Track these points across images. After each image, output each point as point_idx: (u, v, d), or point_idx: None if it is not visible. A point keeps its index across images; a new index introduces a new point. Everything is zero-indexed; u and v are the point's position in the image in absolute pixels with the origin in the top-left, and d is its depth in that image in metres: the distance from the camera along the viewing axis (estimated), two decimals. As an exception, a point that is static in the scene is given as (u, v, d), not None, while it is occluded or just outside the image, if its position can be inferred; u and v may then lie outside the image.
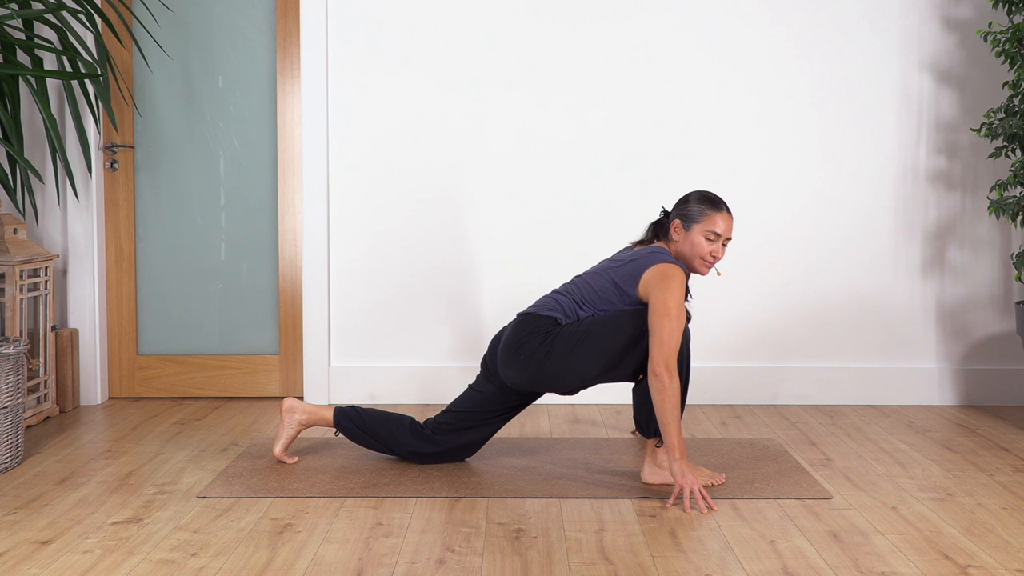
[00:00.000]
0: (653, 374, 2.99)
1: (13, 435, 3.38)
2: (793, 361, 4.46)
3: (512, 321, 3.33)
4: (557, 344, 3.17)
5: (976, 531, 2.78)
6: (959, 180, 4.41)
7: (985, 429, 3.98)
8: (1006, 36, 3.91)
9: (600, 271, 3.28)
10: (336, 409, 3.44)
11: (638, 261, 3.19)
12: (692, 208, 3.22)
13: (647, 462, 3.19)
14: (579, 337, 3.15)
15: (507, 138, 4.41)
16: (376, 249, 4.44)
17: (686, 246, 3.21)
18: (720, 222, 3.19)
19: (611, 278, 3.22)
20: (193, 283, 4.55)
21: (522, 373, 3.21)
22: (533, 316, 3.25)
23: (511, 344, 3.24)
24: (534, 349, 3.19)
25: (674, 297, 3.04)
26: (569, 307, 3.25)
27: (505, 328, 3.34)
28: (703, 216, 3.20)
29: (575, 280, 3.33)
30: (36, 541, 2.71)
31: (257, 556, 2.59)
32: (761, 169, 4.41)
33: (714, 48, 4.38)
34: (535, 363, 3.18)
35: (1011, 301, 4.44)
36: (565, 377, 3.19)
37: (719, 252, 3.21)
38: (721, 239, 3.20)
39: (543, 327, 3.21)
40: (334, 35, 4.39)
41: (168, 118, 4.51)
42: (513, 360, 3.22)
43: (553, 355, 3.16)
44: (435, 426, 3.38)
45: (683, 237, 3.22)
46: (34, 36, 4.05)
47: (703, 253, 3.19)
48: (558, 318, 3.23)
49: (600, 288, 3.23)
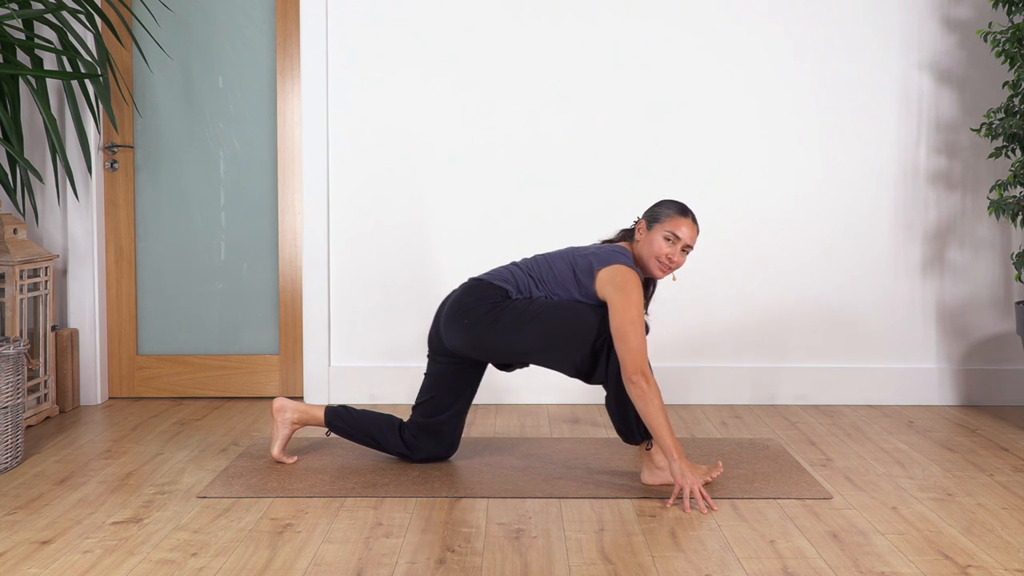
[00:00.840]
0: (630, 382, 3.00)
1: (13, 435, 3.38)
2: (793, 361, 4.46)
3: (462, 285, 3.33)
4: (504, 317, 3.17)
5: (976, 531, 2.78)
6: (959, 180, 4.41)
7: (985, 429, 3.98)
8: (1006, 36, 3.91)
9: (563, 255, 3.28)
10: (327, 408, 3.45)
11: (599, 255, 3.20)
12: (660, 210, 3.24)
13: (644, 465, 3.20)
14: (528, 317, 3.16)
15: (507, 138, 4.41)
16: (376, 249, 4.44)
17: (645, 245, 3.22)
18: (682, 226, 3.20)
19: (571, 264, 3.23)
20: (193, 283, 4.55)
21: (463, 338, 3.22)
22: (484, 283, 3.26)
23: (457, 308, 3.24)
24: (480, 317, 3.19)
25: (635, 304, 3.06)
26: (524, 283, 3.26)
27: (451, 294, 3.35)
28: (666, 217, 3.21)
29: (536, 258, 3.33)
30: (36, 541, 2.71)
31: (257, 556, 2.59)
32: (761, 169, 4.41)
33: (714, 48, 4.38)
34: (478, 331, 3.19)
35: (1011, 301, 4.44)
36: (504, 351, 3.21)
37: (676, 256, 3.21)
38: (680, 243, 3.20)
39: (492, 296, 3.22)
40: (334, 35, 4.39)
41: (168, 118, 4.51)
42: (457, 323, 3.23)
43: (497, 327, 3.17)
44: (411, 429, 3.40)
45: (644, 236, 3.23)
46: (34, 36, 4.05)
47: (660, 253, 3.20)
48: (509, 291, 3.23)
49: (559, 271, 3.24)
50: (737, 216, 4.41)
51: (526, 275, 3.28)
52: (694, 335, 4.44)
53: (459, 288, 3.32)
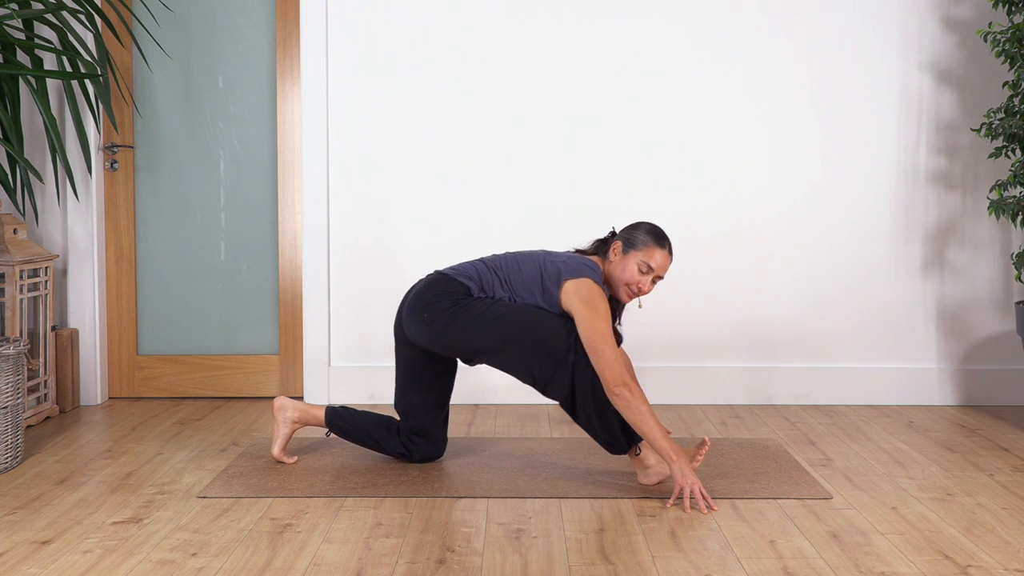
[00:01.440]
0: (613, 395, 3.00)
1: (13, 435, 3.38)
2: (793, 361, 4.46)
3: (425, 277, 3.34)
4: (464, 315, 3.18)
5: (976, 531, 2.78)
6: (959, 180, 4.41)
7: (985, 429, 3.98)
8: (1006, 36, 3.91)
9: (534, 258, 3.28)
10: (328, 408, 3.45)
11: (569, 264, 3.20)
12: (637, 236, 3.23)
13: (637, 469, 3.19)
14: (489, 317, 3.16)
15: (507, 137, 4.41)
16: (376, 249, 4.44)
17: (618, 269, 3.22)
18: (658, 257, 3.21)
19: (540, 268, 3.23)
20: (193, 283, 4.55)
21: (422, 331, 3.24)
22: (448, 278, 3.27)
23: (419, 300, 3.26)
24: (439, 312, 3.20)
25: (603, 321, 3.07)
26: (488, 281, 3.26)
27: (415, 285, 3.35)
28: (644, 246, 3.21)
29: (506, 256, 3.33)
30: (36, 541, 2.71)
31: (257, 556, 2.59)
32: (761, 169, 4.41)
33: (713, 48, 4.38)
34: (437, 325, 3.20)
35: (1011, 301, 4.44)
36: (461, 348, 3.22)
37: (646, 285, 3.23)
38: (653, 274, 3.22)
39: (454, 292, 3.23)
40: (334, 35, 4.39)
41: (168, 118, 4.51)
42: (417, 316, 3.24)
43: (456, 325, 3.18)
44: (405, 432, 3.40)
45: (619, 259, 3.23)
46: (34, 36, 4.05)
47: (631, 280, 3.21)
48: (471, 288, 3.24)
49: (527, 274, 3.24)
50: (737, 216, 4.41)
51: (492, 273, 3.28)
52: (694, 335, 4.44)
53: (423, 280, 3.34)
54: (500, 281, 3.26)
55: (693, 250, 4.40)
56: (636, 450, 3.15)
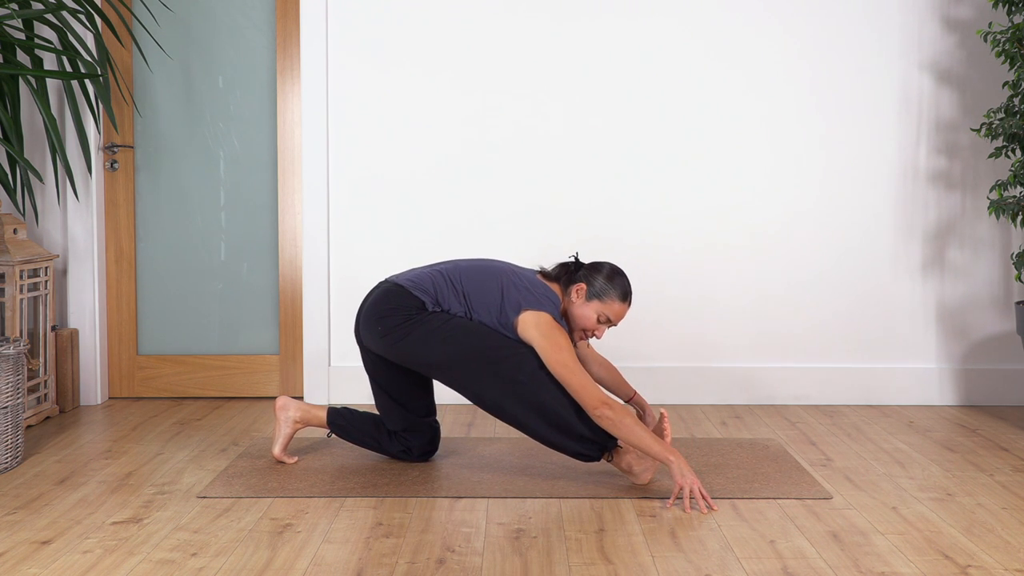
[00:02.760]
0: (597, 417, 3.02)
1: (13, 435, 3.38)
2: (793, 361, 4.46)
3: (379, 287, 3.31)
4: (417, 331, 3.18)
5: (976, 531, 2.78)
6: (959, 180, 4.41)
7: (985, 429, 3.98)
8: (1006, 36, 3.91)
9: (496, 275, 3.25)
10: (330, 408, 3.46)
11: (531, 293, 3.19)
12: (601, 284, 3.23)
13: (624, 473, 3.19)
14: (441, 336, 3.16)
15: (507, 137, 4.41)
16: (376, 249, 4.44)
17: (578, 312, 3.24)
18: (620, 312, 3.24)
19: (501, 288, 3.21)
20: (193, 283, 4.55)
21: (377, 343, 3.25)
22: (402, 291, 3.24)
23: (374, 312, 3.25)
24: (394, 326, 3.20)
25: (566, 351, 3.09)
26: (444, 294, 3.23)
27: (371, 292, 3.34)
28: (607, 298, 3.22)
29: (463, 267, 3.29)
30: (36, 541, 2.71)
31: (257, 556, 2.59)
32: (761, 169, 4.41)
33: (714, 48, 4.38)
34: (391, 339, 3.21)
35: (1011, 301, 4.44)
36: (414, 362, 3.22)
37: (600, 333, 3.28)
38: (610, 324, 3.26)
39: (407, 306, 3.21)
40: (334, 35, 4.39)
41: (168, 118, 4.51)
42: (372, 329, 3.25)
43: (410, 339, 3.18)
44: (399, 434, 3.40)
45: (580, 303, 3.23)
46: (34, 36, 4.05)
47: (587, 327, 3.25)
48: (426, 303, 3.22)
49: (488, 293, 3.21)
50: (737, 215, 4.41)
51: (448, 285, 3.25)
52: (694, 335, 4.44)
53: (377, 289, 3.31)
54: (457, 294, 3.24)
55: (693, 250, 4.40)
56: (609, 456, 3.16)
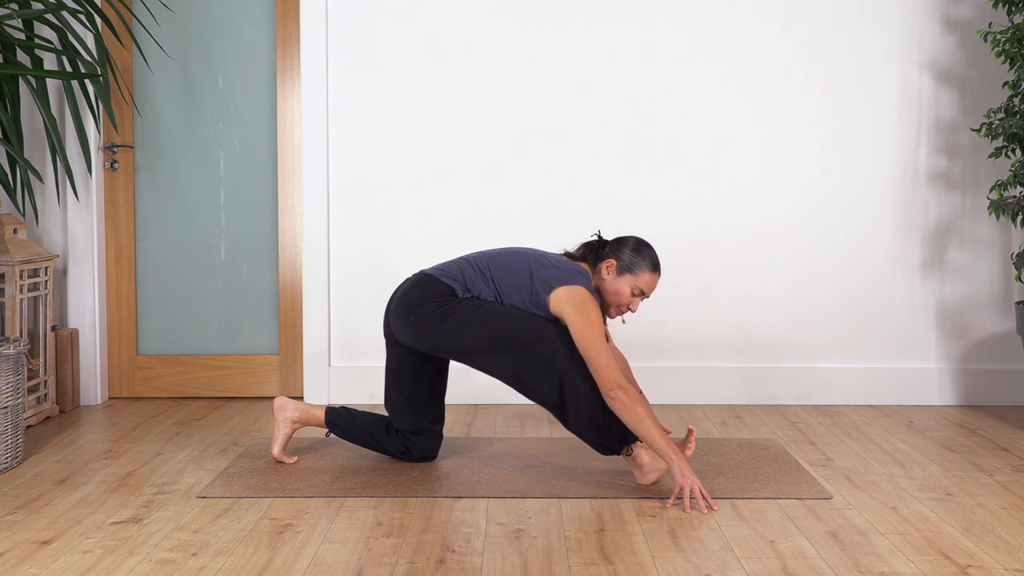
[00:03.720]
0: (610, 399, 3.01)
1: (13, 435, 3.38)
2: (793, 361, 4.46)
3: (411, 278, 3.33)
4: (451, 318, 3.17)
5: (976, 531, 2.78)
6: (959, 180, 4.41)
7: (985, 429, 3.98)
8: (1006, 36, 3.91)
9: (523, 258, 3.26)
10: (327, 408, 3.46)
11: (561, 270, 3.20)
12: (629, 257, 3.23)
13: (633, 470, 3.19)
14: (475, 321, 3.16)
15: (507, 137, 4.41)
16: (376, 249, 4.44)
17: (610, 289, 3.23)
18: (652, 283, 3.24)
19: (530, 270, 3.22)
20: (193, 283, 4.55)
21: (408, 332, 3.24)
22: (432, 279, 3.25)
23: (405, 302, 3.25)
24: (426, 315, 3.20)
25: (595, 325, 3.08)
26: (473, 281, 3.25)
27: (402, 284, 3.35)
28: (638, 270, 3.22)
29: (491, 254, 3.31)
30: (36, 541, 2.71)
31: (257, 556, 2.59)
32: (761, 169, 4.41)
33: (714, 48, 4.38)
34: (423, 328, 3.20)
35: (1011, 301, 4.44)
36: (448, 350, 3.22)
37: (635, 307, 3.27)
38: (643, 296, 3.25)
39: (439, 294, 3.22)
40: (334, 35, 4.39)
41: (168, 118, 4.51)
42: (404, 319, 3.25)
43: (443, 326, 3.18)
44: (401, 434, 3.40)
45: (611, 279, 3.23)
46: (34, 36, 4.05)
47: (622, 302, 3.24)
48: (456, 289, 3.23)
49: (517, 276, 3.22)
50: (737, 215, 4.41)
51: (477, 272, 3.26)
52: (694, 335, 4.44)
53: (407, 281, 3.33)
54: (486, 280, 3.25)
55: (693, 249, 4.40)
56: (628, 450, 3.15)
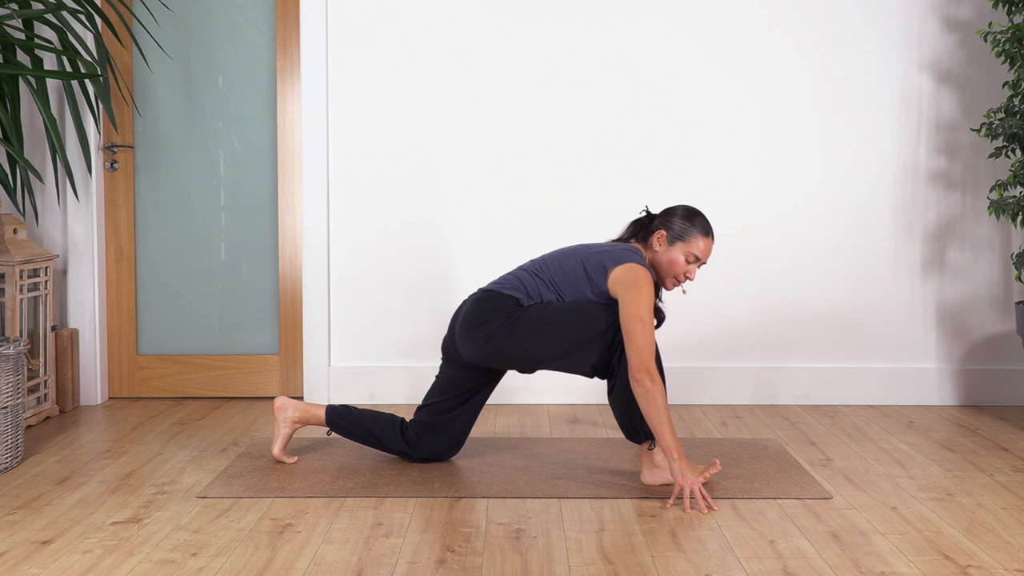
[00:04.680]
0: (635, 380, 2.99)
1: (13, 435, 3.38)
2: (793, 361, 4.46)
3: (472, 296, 3.31)
4: (520, 327, 3.17)
5: (976, 531, 2.78)
6: (959, 180, 4.41)
7: (985, 429, 3.98)
8: (1006, 36, 3.91)
9: (572, 253, 3.26)
10: (328, 407, 3.45)
11: (612, 253, 3.18)
12: (680, 225, 3.21)
13: (644, 464, 3.19)
14: (544, 324, 3.15)
15: (507, 138, 4.41)
16: (376, 249, 4.44)
17: (664, 260, 3.21)
18: (705, 248, 3.21)
19: (582, 262, 3.21)
20: (193, 283, 4.55)
21: (480, 350, 3.22)
22: (495, 294, 3.24)
23: (471, 320, 3.23)
24: (495, 329, 3.19)
25: (645, 303, 3.05)
26: (533, 287, 3.24)
27: (464, 304, 3.34)
28: (690, 237, 3.20)
29: (544, 259, 3.31)
30: (36, 541, 2.71)
31: (257, 556, 2.59)
32: (761, 169, 4.42)
33: (714, 48, 4.38)
34: (495, 342, 3.19)
35: (1011, 301, 4.44)
36: (523, 360, 3.22)
37: (692, 274, 3.22)
38: (699, 262, 3.22)
39: (505, 307, 3.21)
40: (334, 35, 4.39)
41: (168, 118, 4.51)
42: (473, 337, 3.22)
43: (514, 337, 3.17)
44: (416, 427, 3.39)
45: (664, 250, 3.21)
46: (34, 36, 4.05)
47: (678, 272, 3.21)
48: (520, 299, 3.23)
49: (569, 270, 3.22)
50: (737, 216, 4.41)
51: (534, 278, 3.26)
52: (694, 335, 4.44)
53: (470, 299, 3.31)
54: (544, 284, 3.25)
55: (693, 250, 4.40)
56: (650, 445, 3.15)
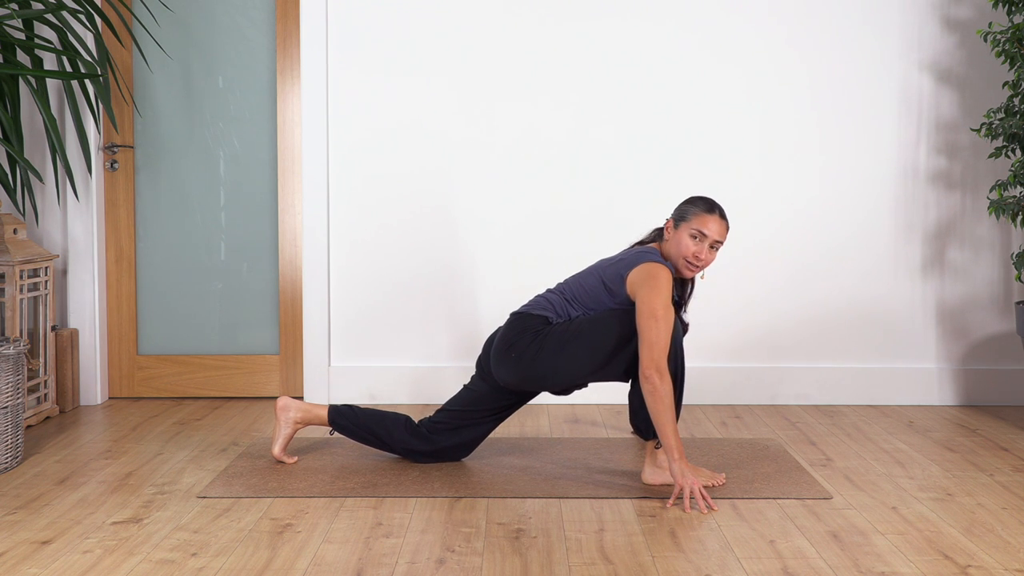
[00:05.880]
0: (644, 377, 2.99)
1: (13, 435, 3.38)
2: (793, 361, 4.46)
3: (506, 321, 3.34)
4: (548, 343, 3.18)
5: (976, 531, 2.78)
6: (959, 180, 4.41)
7: (985, 429, 3.98)
8: (1006, 36, 3.91)
9: (591, 270, 3.29)
10: (331, 407, 3.45)
11: (625, 260, 3.19)
12: (683, 207, 3.24)
13: (647, 463, 3.20)
14: (570, 336, 3.16)
15: (506, 138, 4.41)
16: (376, 249, 4.44)
17: (673, 245, 3.21)
18: (709, 223, 3.17)
19: (600, 277, 3.23)
20: (193, 283, 4.55)
21: (513, 372, 3.23)
22: (525, 315, 3.27)
23: (503, 343, 3.25)
24: (525, 347, 3.20)
25: (660, 298, 3.03)
26: (560, 306, 3.26)
27: (499, 329, 3.36)
28: (692, 215, 3.19)
29: (568, 280, 3.34)
30: (36, 541, 2.71)
31: (257, 556, 2.59)
32: (761, 169, 4.41)
33: (714, 49, 4.38)
34: (526, 361, 3.19)
35: (1011, 301, 4.44)
36: (556, 376, 3.21)
37: (703, 253, 3.17)
38: (708, 240, 3.17)
39: (534, 326, 3.23)
40: (334, 35, 4.39)
41: (168, 118, 4.51)
42: (505, 359, 3.23)
43: (544, 354, 3.18)
44: (430, 425, 3.39)
45: (672, 236, 3.22)
46: (34, 36, 4.05)
47: (687, 253, 3.17)
48: (549, 317, 3.24)
49: (590, 287, 3.24)
50: (737, 216, 4.41)
51: (561, 298, 3.29)
52: (694, 335, 4.43)
53: (504, 325, 3.33)
54: (568, 302, 3.27)
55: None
56: (657, 443, 3.16)
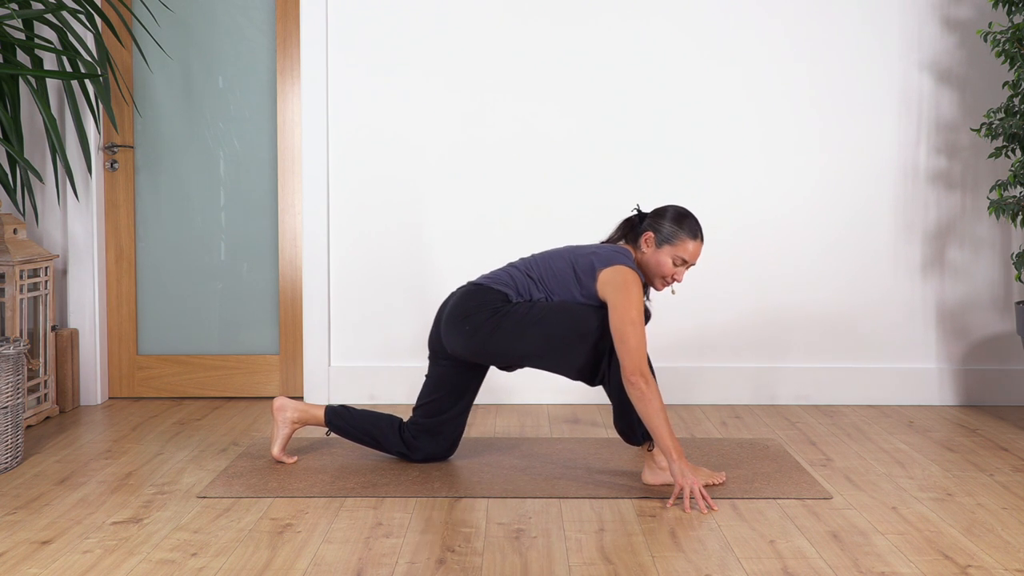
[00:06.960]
0: (629, 383, 3.00)
1: (13, 435, 3.38)
2: (793, 361, 4.46)
3: (460, 289, 3.32)
4: (506, 323, 3.17)
5: (976, 531, 2.78)
6: (959, 180, 4.41)
7: (985, 429, 3.98)
8: (1006, 36, 3.91)
9: (562, 254, 3.27)
10: (327, 408, 3.45)
11: (600, 255, 3.19)
12: (669, 228, 3.20)
13: (646, 464, 3.20)
14: (529, 322, 3.15)
15: (506, 138, 4.41)
16: (376, 249, 4.44)
17: (652, 262, 3.21)
18: (694, 251, 3.20)
19: (571, 263, 3.22)
20: (193, 283, 4.55)
21: (465, 344, 3.22)
22: (484, 288, 3.25)
23: (458, 312, 3.23)
24: (481, 323, 3.19)
25: (635, 305, 3.06)
26: (523, 284, 3.25)
27: (451, 296, 3.34)
28: (678, 240, 3.19)
29: (535, 257, 3.32)
30: (36, 541, 2.71)
31: (257, 556, 2.59)
32: (761, 169, 4.41)
33: (713, 48, 4.38)
34: (480, 336, 3.19)
35: (1011, 301, 4.44)
36: (506, 357, 3.22)
37: (680, 276, 3.23)
38: (687, 265, 3.22)
39: (492, 302, 3.21)
40: (334, 35, 4.39)
41: (168, 118, 4.51)
42: (458, 329, 3.22)
43: (499, 333, 3.17)
44: (412, 429, 3.40)
45: (651, 252, 3.22)
46: (34, 36, 4.05)
47: (665, 274, 3.21)
48: (509, 295, 3.23)
49: (559, 271, 3.23)
50: (737, 216, 4.41)
51: (525, 276, 3.27)
52: (694, 335, 4.44)
53: (458, 292, 3.31)
54: (534, 282, 3.25)
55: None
56: (649, 446, 3.16)
